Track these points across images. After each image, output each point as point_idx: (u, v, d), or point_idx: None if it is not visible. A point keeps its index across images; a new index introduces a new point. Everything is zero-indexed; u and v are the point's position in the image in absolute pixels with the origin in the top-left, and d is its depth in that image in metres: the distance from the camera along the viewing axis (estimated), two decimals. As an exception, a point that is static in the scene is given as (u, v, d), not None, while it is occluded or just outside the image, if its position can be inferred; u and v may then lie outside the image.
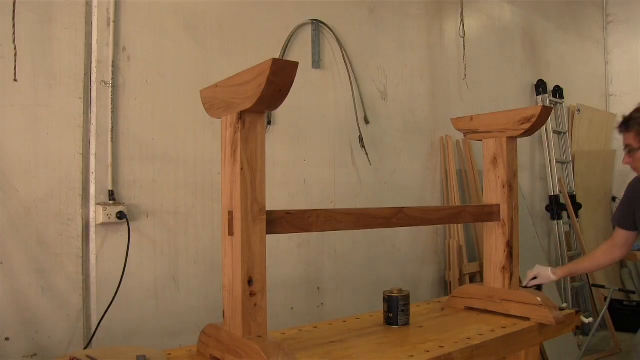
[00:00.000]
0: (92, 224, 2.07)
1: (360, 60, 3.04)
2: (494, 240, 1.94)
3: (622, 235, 2.26)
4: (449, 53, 3.62)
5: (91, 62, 2.09)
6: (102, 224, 2.08)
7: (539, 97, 4.42)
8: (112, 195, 2.10)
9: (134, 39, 2.20)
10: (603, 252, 2.33)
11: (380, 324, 1.78)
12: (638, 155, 2.11)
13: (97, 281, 2.07)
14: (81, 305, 2.03)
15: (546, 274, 2.23)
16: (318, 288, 2.80)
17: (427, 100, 3.44)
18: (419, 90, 3.40)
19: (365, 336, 1.64)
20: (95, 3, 2.10)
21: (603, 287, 3.89)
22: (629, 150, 2.13)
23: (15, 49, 1.87)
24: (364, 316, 1.90)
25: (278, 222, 1.38)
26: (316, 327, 1.76)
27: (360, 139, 2.96)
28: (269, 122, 2.62)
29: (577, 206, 4.50)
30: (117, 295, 2.06)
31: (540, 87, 4.43)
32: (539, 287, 2.23)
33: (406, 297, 1.77)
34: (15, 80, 1.89)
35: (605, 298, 3.52)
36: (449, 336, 1.61)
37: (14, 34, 1.86)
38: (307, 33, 2.81)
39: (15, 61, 1.88)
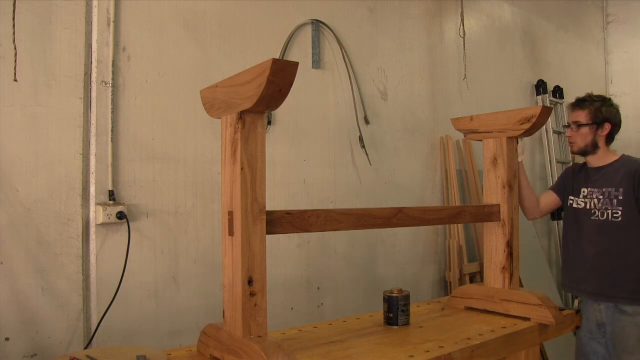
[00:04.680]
0: (92, 224, 2.07)
1: (360, 60, 3.04)
2: (494, 240, 1.94)
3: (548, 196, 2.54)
4: (449, 53, 3.62)
5: (91, 62, 2.09)
6: (102, 224, 2.08)
7: (539, 97, 4.42)
8: (112, 195, 2.10)
9: (134, 39, 2.20)
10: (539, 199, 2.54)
11: (380, 324, 1.79)
12: (582, 131, 2.36)
13: (97, 281, 2.07)
14: (81, 305, 2.03)
15: None
16: (318, 288, 2.80)
17: (427, 100, 3.44)
18: (419, 90, 3.40)
19: (365, 336, 1.64)
20: (95, 3, 2.10)
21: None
22: (577, 125, 2.37)
23: (15, 49, 1.87)
24: (364, 316, 1.90)
25: (278, 222, 1.38)
26: (316, 327, 1.76)
27: (360, 139, 2.96)
28: (269, 122, 2.62)
29: (577, 206, 4.48)
30: (117, 295, 2.06)
31: (540, 87, 4.42)
32: None
33: (406, 297, 1.77)
34: (15, 80, 1.89)
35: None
36: (449, 336, 1.61)
37: (14, 34, 1.86)
38: (307, 33, 2.81)
39: (15, 61, 1.88)
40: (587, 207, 2.38)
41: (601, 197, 2.33)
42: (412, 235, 3.29)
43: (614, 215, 2.28)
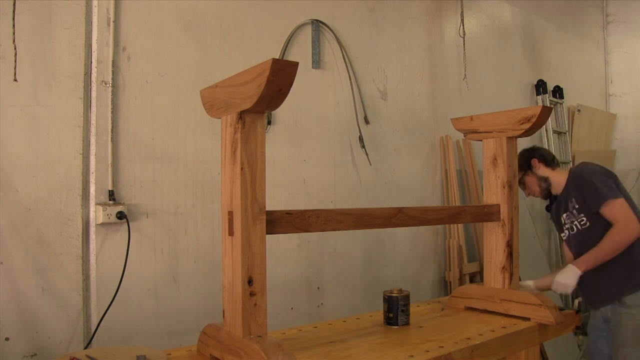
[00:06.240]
0: (92, 224, 2.07)
1: (360, 60, 3.04)
2: (494, 240, 1.94)
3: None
4: (449, 53, 3.62)
5: (91, 62, 2.09)
6: (102, 224, 2.08)
7: (539, 97, 4.42)
8: (112, 195, 2.10)
9: (134, 39, 2.20)
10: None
11: (380, 324, 1.78)
12: (527, 182, 2.50)
13: (97, 281, 2.07)
14: (81, 305, 2.03)
15: (570, 279, 2.19)
16: (318, 288, 2.80)
17: (427, 100, 3.44)
18: (419, 90, 3.40)
19: (365, 336, 1.64)
20: (95, 3, 2.10)
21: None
22: (521, 182, 2.48)
23: (15, 49, 1.87)
24: (364, 316, 1.90)
25: (278, 222, 1.38)
26: (316, 327, 1.76)
27: (360, 139, 2.96)
28: (269, 122, 2.62)
29: (577, 206, 4.48)
30: (117, 295, 2.06)
31: (540, 87, 4.42)
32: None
33: (406, 297, 1.77)
34: (15, 80, 1.89)
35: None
36: (449, 336, 1.61)
37: (14, 34, 1.86)
38: (307, 33, 2.81)
39: (15, 61, 1.88)
40: (564, 229, 2.45)
41: (568, 212, 2.41)
42: (412, 235, 3.28)
43: (581, 222, 2.34)
